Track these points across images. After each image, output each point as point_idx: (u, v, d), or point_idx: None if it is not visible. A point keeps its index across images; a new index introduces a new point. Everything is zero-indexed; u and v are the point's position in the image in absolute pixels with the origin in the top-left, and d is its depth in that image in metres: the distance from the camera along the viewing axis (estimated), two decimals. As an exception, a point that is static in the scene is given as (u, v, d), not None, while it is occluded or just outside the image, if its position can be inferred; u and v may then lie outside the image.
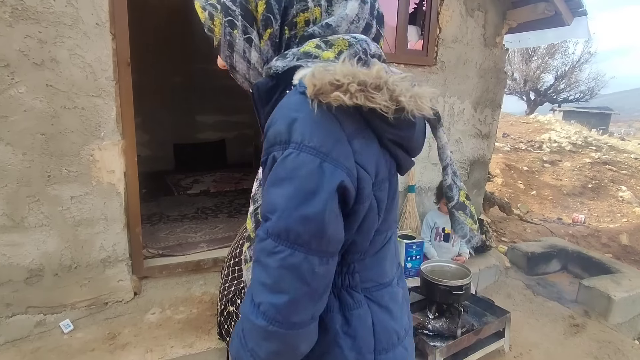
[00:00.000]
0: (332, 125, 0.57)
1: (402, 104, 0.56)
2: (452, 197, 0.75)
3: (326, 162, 0.55)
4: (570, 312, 2.74)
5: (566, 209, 6.11)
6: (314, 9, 0.64)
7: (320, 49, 0.62)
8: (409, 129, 0.63)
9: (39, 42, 1.78)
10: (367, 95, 0.55)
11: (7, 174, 1.82)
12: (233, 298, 1.79)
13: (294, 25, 0.65)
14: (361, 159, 0.58)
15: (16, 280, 1.91)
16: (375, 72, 0.56)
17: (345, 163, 0.56)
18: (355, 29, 0.66)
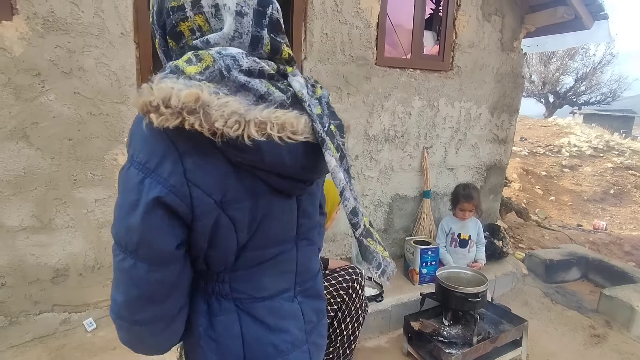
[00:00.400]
0: (161, 142, 0.57)
1: (216, 129, 0.55)
2: (358, 223, 0.67)
3: (148, 178, 0.57)
4: (591, 322, 2.68)
5: (586, 216, 5.96)
6: (194, 17, 0.62)
7: (190, 63, 0.59)
8: (254, 153, 0.59)
9: (67, 51, 1.87)
10: (183, 119, 0.54)
11: (36, 177, 1.90)
12: None
13: (178, 35, 0.64)
14: (194, 177, 0.59)
15: (43, 279, 2.00)
16: (185, 96, 0.53)
17: (170, 180, 0.57)
18: (240, 45, 0.62)
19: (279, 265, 0.75)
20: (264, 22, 0.63)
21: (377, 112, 2.77)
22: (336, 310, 1.87)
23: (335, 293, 1.84)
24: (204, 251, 0.66)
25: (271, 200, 0.67)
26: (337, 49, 2.54)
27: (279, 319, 0.74)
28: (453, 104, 3.04)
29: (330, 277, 1.89)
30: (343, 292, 1.86)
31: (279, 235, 0.73)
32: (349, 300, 1.88)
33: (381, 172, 2.89)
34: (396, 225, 3.06)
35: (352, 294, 1.89)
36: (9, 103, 1.80)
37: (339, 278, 1.88)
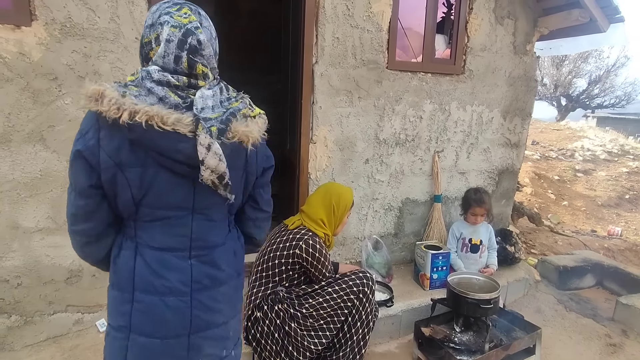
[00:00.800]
0: (90, 120, 0.90)
1: (104, 113, 0.85)
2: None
3: (80, 138, 0.90)
4: (607, 330, 2.62)
5: (601, 221, 5.85)
6: (155, 48, 0.94)
7: (132, 75, 0.93)
8: (135, 133, 0.88)
9: (84, 56, 1.90)
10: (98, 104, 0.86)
11: (52, 179, 1.94)
12: (260, 304, 1.83)
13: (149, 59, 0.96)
14: (103, 143, 0.89)
15: (58, 280, 2.03)
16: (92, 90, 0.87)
17: (89, 142, 0.89)
18: (168, 62, 0.92)
19: (172, 228, 1.00)
20: (185, 46, 0.92)
21: (388, 116, 2.76)
22: (346, 314, 1.86)
23: (345, 297, 1.83)
24: (113, 199, 0.95)
25: (159, 172, 0.94)
26: (348, 53, 2.55)
27: (163, 269, 0.99)
28: (465, 107, 3.02)
29: (341, 281, 1.88)
30: (354, 296, 1.85)
31: (171, 203, 0.98)
32: (359, 305, 1.87)
33: (392, 176, 2.88)
34: (406, 230, 3.04)
35: (362, 298, 1.88)
36: (27, 107, 1.84)
37: (349, 282, 1.87)
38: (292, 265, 1.86)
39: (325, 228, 1.94)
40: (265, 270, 1.88)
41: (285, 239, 1.88)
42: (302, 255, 1.82)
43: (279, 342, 1.79)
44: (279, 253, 1.85)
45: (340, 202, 1.98)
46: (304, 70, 2.47)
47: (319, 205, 1.95)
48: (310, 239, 1.85)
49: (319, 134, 2.57)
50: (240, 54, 5.28)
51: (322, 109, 2.54)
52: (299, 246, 1.83)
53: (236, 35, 5.22)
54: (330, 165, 2.66)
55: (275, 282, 1.88)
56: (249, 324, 1.86)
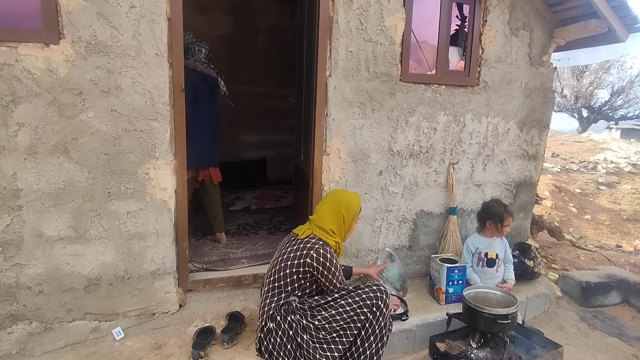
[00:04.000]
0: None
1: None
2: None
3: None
4: (634, 350, 2.50)
5: (626, 236, 5.62)
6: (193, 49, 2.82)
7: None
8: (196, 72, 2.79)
9: (107, 72, 1.99)
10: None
11: (74, 190, 2.01)
12: (273, 314, 1.83)
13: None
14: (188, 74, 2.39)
15: (77, 287, 2.08)
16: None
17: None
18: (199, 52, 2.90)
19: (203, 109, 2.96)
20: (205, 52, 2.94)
21: (402, 128, 2.76)
22: (359, 328, 1.84)
23: (358, 310, 1.81)
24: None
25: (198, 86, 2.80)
26: (362, 66, 2.58)
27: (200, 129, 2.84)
28: (480, 119, 2.99)
29: (354, 294, 1.86)
30: (367, 309, 1.83)
31: (205, 101, 2.96)
32: (372, 319, 1.85)
33: (406, 187, 2.86)
34: (421, 242, 3.00)
35: (376, 312, 1.85)
36: (53, 120, 1.93)
37: (363, 295, 1.85)
38: (304, 274, 1.86)
39: (335, 237, 1.96)
40: (277, 280, 1.89)
41: (296, 248, 1.90)
42: (313, 264, 1.83)
43: (291, 353, 1.78)
44: (290, 262, 1.86)
45: (349, 210, 2.01)
46: (317, 83, 2.51)
47: (329, 215, 1.97)
48: (321, 248, 1.86)
49: (332, 145, 2.59)
50: (259, 68, 5.41)
51: (335, 121, 2.57)
52: (309, 255, 1.84)
53: (255, 51, 5.37)
54: (344, 176, 2.67)
55: (288, 292, 1.88)
56: (262, 335, 1.86)
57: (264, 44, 5.41)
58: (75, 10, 1.89)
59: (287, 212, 4.17)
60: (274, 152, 5.77)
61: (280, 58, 5.25)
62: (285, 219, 4.00)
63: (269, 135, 5.71)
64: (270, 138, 5.72)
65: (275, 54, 5.34)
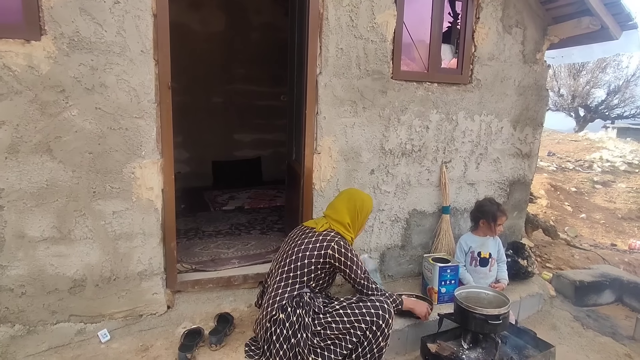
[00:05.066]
0: None
1: None
2: None
3: None
4: (627, 350, 2.48)
5: (621, 235, 5.62)
6: None
7: None
8: None
9: (91, 69, 1.95)
10: None
11: (58, 189, 1.97)
12: (285, 305, 1.80)
13: None
14: None
15: (61, 289, 2.04)
16: None
17: None
18: None
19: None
20: None
21: (394, 126, 2.73)
22: (355, 343, 1.79)
23: (356, 324, 1.76)
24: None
25: None
26: (353, 64, 2.54)
27: None
28: (473, 117, 2.97)
29: (356, 306, 1.81)
30: (365, 325, 1.77)
31: None
32: (372, 337, 1.79)
33: (398, 186, 2.83)
34: (414, 242, 2.97)
35: (376, 330, 1.78)
36: (35, 118, 1.89)
37: (363, 309, 1.79)
38: (323, 265, 1.87)
39: (351, 232, 2.00)
40: (293, 270, 1.87)
41: (315, 239, 1.90)
42: (335, 256, 1.85)
43: (293, 348, 1.76)
44: (309, 253, 1.87)
45: (363, 207, 2.04)
46: (307, 81, 2.48)
47: (344, 209, 2.01)
48: (342, 240, 1.91)
49: (323, 144, 2.56)
50: (253, 66, 5.37)
51: (326, 120, 2.54)
52: (330, 247, 1.86)
53: (249, 49, 5.33)
54: (335, 175, 2.64)
55: (303, 283, 1.87)
56: (269, 325, 1.82)
57: (258, 42, 5.37)
58: (57, 6, 1.84)
59: (281, 211, 4.14)
60: (269, 152, 5.73)
61: (274, 56, 5.20)
62: (279, 218, 3.97)
63: (264, 135, 5.67)
64: (265, 137, 5.69)
65: (269, 52, 5.30)
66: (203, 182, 5.28)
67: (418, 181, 2.89)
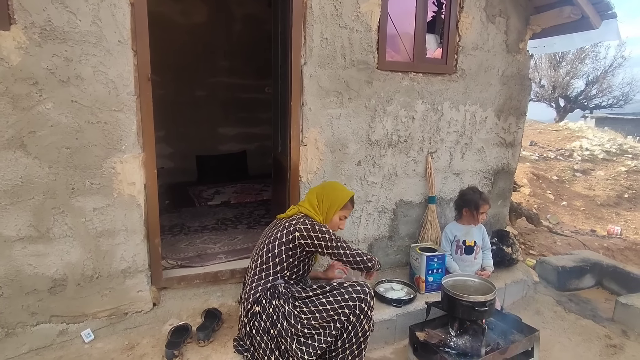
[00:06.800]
0: None
1: None
2: None
3: None
4: (607, 331, 2.56)
5: (600, 221, 5.79)
6: None
7: None
8: None
9: (65, 60, 1.86)
10: None
11: (34, 186, 1.89)
12: (259, 298, 1.79)
13: None
14: None
15: (41, 289, 1.97)
16: None
17: None
18: None
19: None
20: None
21: (380, 117, 2.72)
22: (340, 329, 1.78)
23: (340, 311, 1.75)
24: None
25: None
26: (338, 54, 2.51)
27: None
28: (457, 107, 2.98)
29: (337, 293, 1.79)
30: (349, 311, 1.76)
31: None
32: (355, 321, 1.78)
33: (385, 177, 2.83)
34: (401, 232, 2.98)
35: (359, 314, 1.78)
36: (7, 112, 1.80)
37: (345, 295, 1.77)
38: (294, 250, 1.85)
39: (318, 214, 1.98)
40: (266, 262, 1.85)
41: (282, 227, 1.89)
42: (303, 234, 1.82)
43: (273, 339, 1.75)
44: (278, 242, 1.85)
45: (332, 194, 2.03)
46: (292, 72, 2.44)
47: (314, 191, 2.06)
48: (306, 219, 1.88)
49: (309, 136, 2.53)
50: (237, 59, 5.27)
51: (311, 111, 2.51)
52: (297, 229, 1.84)
53: (232, 41, 5.22)
54: (322, 167, 2.62)
55: (276, 273, 1.85)
56: (246, 320, 1.81)
57: (242, 33, 5.27)
58: (27, -7, 1.75)
59: (268, 205, 4.10)
60: (255, 145, 5.67)
61: (258, 48, 5.13)
62: (266, 212, 3.94)
63: (249, 128, 5.60)
64: (250, 131, 5.62)
65: (253, 44, 5.21)
66: (187, 178, 5.20)
67: (404, 172, 2.90)
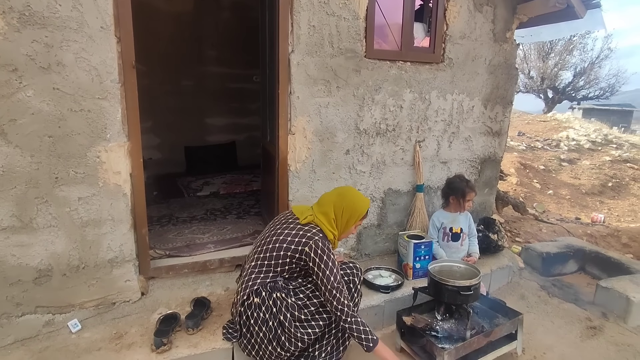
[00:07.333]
0: None
1: None
2: None
3: None
4: (587, 314, 2.63)
5: (585, 209, 5.92)
6: None
7: None
8: None
9: (45, 46, 1.82)
10: None
11: (16, 175, 1.86)
12: (258, 290, 1.79)
13: None
14: None
15: (25, 280, 1.95)
16: None
17: None
18: None
19: None
20: None
21: (368, 106, 2.73)
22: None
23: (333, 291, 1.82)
24: None
25: None
26: (325, 42, 2.50)
27: None
28: (445, 96, 3.00)
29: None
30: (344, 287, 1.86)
31: None
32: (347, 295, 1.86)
33: (373, 166, 2.85)
34: (389, 220, 3.01)
35: (351, 287, 1.94)
36: (-15, 99, 1.76)
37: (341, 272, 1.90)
38: (297, 261, 1.82)
39: (334, 229, 1.90)
40: (269, 259, 1.84)
41: (295, 233, 1.82)
42: (310, 255, 1.77)
43: (272, 330, 1.76)
44: (286, 246, 1.81)
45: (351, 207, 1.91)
46: (280, 60, 2.42)
47: (331, 203, 1.90)
48: (322, 240, 1.79)
49: (298, 124, 2.53)
50: (224, 48, 5.20)
51: (299, 99, 2.50)
52: (309, 245, 1.77)
53: (220, 30, 5.14)
54: (310, 156, 2.62)
55: (277, 273, 1.85)
56: (242, 309, 1.81)
57: (229, 22, 5.20)
58: (4, -23, 1.70)
59: (258, 196, 4.10)
60: (244, 136, 5.63)
61: (247, 37, 5.05)
62: (256, 202, 3.93)
63: (238, 119, 5.56)
64: (239, 121, 5.57)
65: (241, 33, 5.14)
66: (176, 169, 5.15)
67: (393, 160, 2.91)
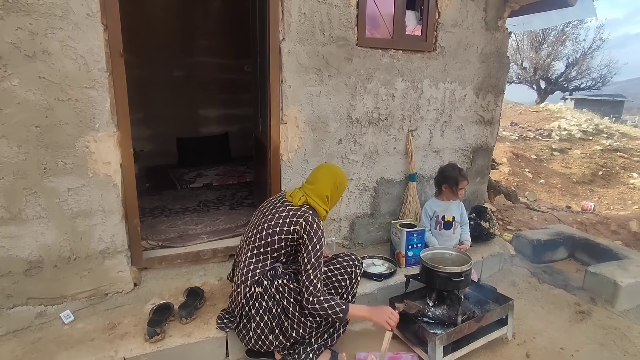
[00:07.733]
0: None
1: None
2: None
3: None
4: (576, 299, 2.68)
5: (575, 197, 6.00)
6: None
7: None
8: None
9: (30, 34, 1.78)
10: None
11: (2, 166, 1.83)
12: (260, 279, 1.80)
13: None
14: None
15: (16, 272, 1.94)
16: None
17: None
18: None
19: None
20: None
21: (360, 95, 2.72)
22: (341, 293, 1.96)
23: (340, 277, 1.96)
24: None
25: None
26: (317, 30, 2.48)
27: None
28: (437, 85, 2.99)
29: (335, 262, 2.00)
30: (347, 277, 1.97)
31: None
32: (348, 285, 1.99)
33: (366, 155, 2.85)
34: (382, 210, 3.03)
35: (353, 278, 2.00)
36: (-31, 89, 1.72)
37: (343, 263, 2.00)
38: (291, 242, 1.83)
39: (327, 205, 1.95)
40: (264, 246, 1.83)
41: (285, 215, 1.84)
42: (300, 231, 1.79)
43: (275, 317, 1.78)
44: (279, 229, 1.82)
45: (342, 182, 2.01)
46: (270, 48, 2.40)
47: (326, 181, 1.93)
48: (313, 217, 1.82)
49: (289, 114, 2.51)
50: (216, 38, 5.13)
51: (291, 88, 2.48)
52: (299, 222, 1.80)
53: (211, 19, 5.07)
54: (303, 146, 2.61)
55: (274, 258, 1.85)
56: (244, 301, 1.80)
57: (220, 11, 5.12)
58: (-16, -39, 1.66)
59: (251, 187, 4.09)
60: (237, 127, 5.59)
61: (239, 27, 4.99)
62: (249, 194, 3.92)
63: (230, 110, 5.51)
64: (232, 112, 5.52)
65: (233, 22, 5.08)
66: (168, 160, 5.11)
67: (385, 150, 2.92)
